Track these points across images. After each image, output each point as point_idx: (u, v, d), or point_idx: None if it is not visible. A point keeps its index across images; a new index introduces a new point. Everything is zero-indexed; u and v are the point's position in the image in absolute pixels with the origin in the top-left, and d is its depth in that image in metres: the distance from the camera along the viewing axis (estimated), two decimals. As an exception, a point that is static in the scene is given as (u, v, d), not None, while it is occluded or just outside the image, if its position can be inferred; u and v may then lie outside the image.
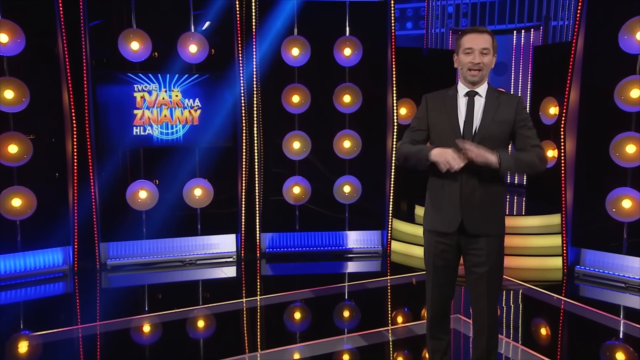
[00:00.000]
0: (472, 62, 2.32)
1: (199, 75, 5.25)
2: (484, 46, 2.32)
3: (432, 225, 2.49)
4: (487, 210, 2.39)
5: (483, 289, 2.43)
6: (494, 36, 2.38)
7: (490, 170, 2.33)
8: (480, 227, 2.39)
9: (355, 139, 5.54)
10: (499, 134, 2.37)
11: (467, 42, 2.34)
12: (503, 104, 2.38)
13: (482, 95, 2.41)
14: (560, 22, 8.07)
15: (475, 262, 2.43)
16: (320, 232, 5.73)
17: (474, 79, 2.36)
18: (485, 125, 2.36)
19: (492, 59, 2.36)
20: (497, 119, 2.36)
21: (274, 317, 4.12)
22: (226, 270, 5.25)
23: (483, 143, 2.33)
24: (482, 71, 2.34)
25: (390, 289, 4.77)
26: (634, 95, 4.42)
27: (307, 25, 5.42)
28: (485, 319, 2.46)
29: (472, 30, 2.36)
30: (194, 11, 5.26)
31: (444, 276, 2.51)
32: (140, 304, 4.45)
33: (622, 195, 4.57)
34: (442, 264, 2.49)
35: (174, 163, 5.38)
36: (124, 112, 5.10)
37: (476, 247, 2.41)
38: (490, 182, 2.37)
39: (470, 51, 2.33)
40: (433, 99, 2.50)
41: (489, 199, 2.38)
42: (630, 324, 3.85)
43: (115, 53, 5.04)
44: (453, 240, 2.44)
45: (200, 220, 5.49)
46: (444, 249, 2.47)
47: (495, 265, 2.44)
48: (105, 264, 5.20)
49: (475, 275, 2.44)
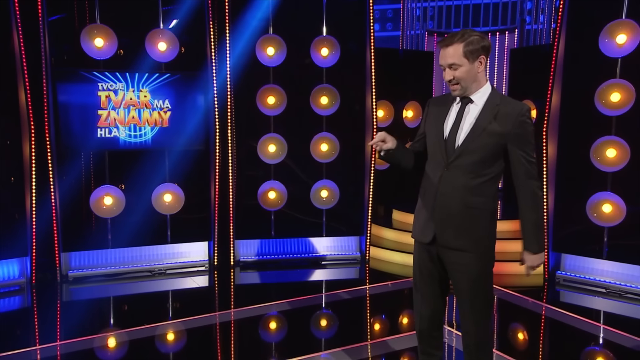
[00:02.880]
0: (444, 79, 2.22)
1: (169, 74, 4.98)
2: (450, 62, 2.17)
3: (414, 233, 2.41)
4: (463, 224, 2.23)
5: (466, 308, 2.30)
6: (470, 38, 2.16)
7: (474, 183, 2.20)
8: (454, 240, 2.24)
9: (333, 142, 5.36)
10: (488, 147, 2.19)
11: (439, 58, 2.23)
12: (501, 113, 2.20)
13: (479, 104, 2.24)
14: (534, 26, 8.12)
15: (454, 277, 2.32)
16: (297, 238, 5.53)
17: (455, 93, 2.24)
18: (473, 136, 2.20)
19: (467, 69, 2.17)
20: (490, 130, 2.19)
21: (249, 332, 3.89)
22: (198, 280, 4.99)
23: (465, 155, 2.19)
24: (460, 84, 2.19)
25: (373, 298, 4.60)
26: (614, 99, 4.39)
27: (283, 23, 5.23)
28: (472, 340, 2.32)
29: (440, 44, 2.22)
30: (163, 7, 4.99)
31: (428, 287, 2.38)
32: (106, 319, 4.16)
33: (603, 200, 4.53)
34: (425, 273, 2.38)
35: (142, 167, 5.08)
36: (87, 112, 4.78)
37: (454, 260, 2.28)
38: (470, 194, 2.21)
39: (442, 67, 2.22)
40: (434, 104, 2.39)
41: (467, 212, 2.22)
42: (611, 329, 3.81)
43: (77, 50, 4.72)
44: (432, 250, 2.33)
45: (170, 227, 5.21)
46: (425, 258, 2.36)
47: (478, 284, 2.28)
48: (67, 275, 4.86)
49: (457, 292, 2.33)
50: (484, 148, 2.18)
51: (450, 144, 2.21)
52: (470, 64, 2.17)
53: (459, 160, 2.21)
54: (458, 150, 2.20)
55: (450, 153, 2.23)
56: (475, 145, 2.18)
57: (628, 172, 4.43)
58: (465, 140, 2.19)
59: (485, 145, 2.18)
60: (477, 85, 2.23)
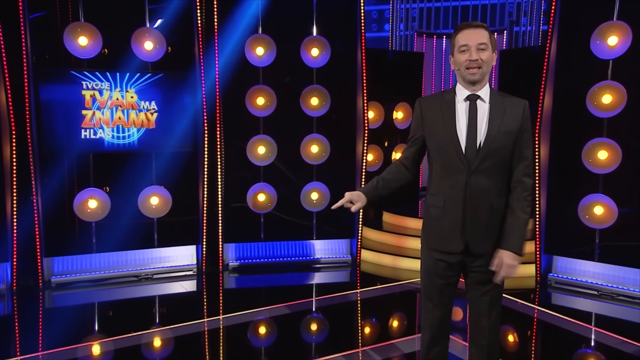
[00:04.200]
0: (470, 59, 2.08)
1: (156, 74, 4.85)
2: (480, 41, 2.08)
3: (434, 243, 2.26)
4: (492, 228, 2.17)
5: (485, 308, 2.23)
6: (492, 32, 2.15)
7: (497, 185, 2.14)
8: (485, 246, 2.18)
9: (324, 143, 5.29)
10: (505, 148, 2.12)
11: (462, 39, 2.11)
12: (509, 110, 2.13)
13: (486, 100, 2.15)
14: (523, 28, 8.14)
15: (479, 280, 2.23)
16: (287, 241, 5.45)
17: (474, 77, 2.10)
18: (491, 137, 2.10)
19: (492, 55, 2.11)
20: (504, 129, 2.11)
21: (238, 339, 3.79)
22: (186, 285, 4.87)
23: (488, 158, 2.10)
24: (482, 68, 2.09)
25: (367, 302, 4.52)
26: (605, 101, 4.39)
27: (273, 23, 5.14)
28: (485, 340, 2.26)
29: (466, 26, 2.12)
30: (149, 5, 4.87)
31: (444, 295, 2.29)
32: (90, 327, 4.02)
33: (595, 202, 4.52)
34: (442, 283, 2.27)
35: (128, 169, 4.95)
36: (70, 113, 4.64)
37: (479, 265, 2.21)
38: (496, 196, 2.15)
39: (465, 48, 2.09)
40: (427, 104, 2.24)
41: (494, 215, 2.17)
42: (603, 332, 3.79)
43: (60, 49, 4.59)
44: (456, 258, 2.22)
45: (157, 231, 5.09)
46: (446, 267, 2.25)
47: (499, 287, 2.25)
48: (49, 281, 4.71)
49: (478, 292, 2.25)
50: (502, 149, 2.11)
51: (471, 149, 2.10)
52: (493, 52, 2.13)
53: (484, 164, 2.10)
54: (482, 154, 2.09)
55: (472, 158, 2.11)
56: (496, 146, 2.10)
57: (619, 174, 4.43)
58: (486, 142, 2.10)
59: (503, 146, 2.11)
60: (486, 80, 2.16)
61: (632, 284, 4.46)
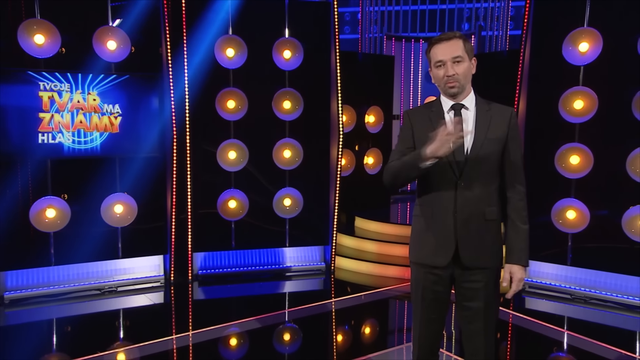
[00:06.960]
0: (447, 75, 2.06)
1: (121, 76, 4.60)
2: (454, 55, 2.05)
3: (422, 256, 2.19)
4: (483, 240, 2.11)
5: (479, 327, 2.14)
6: (465, 37, 2.10)
7: (487, 194, 2.08)
8: (477, 258, 2.11)
9: (297, 148, 5.15)
10: (493, 154, 2.10)
11: (436, 54, 2.08)
12: (495, 117, 2.12)
13: (470, 108, 2.13)
14: (490, 32, 8.24)
15: (469, 296, 2.14)
16: (259, 249, 5.28)
17: (454, 90, 2.09)
18: (478, 143, 2.08)
19: (469, 65, 2.09)
20: (490, 136, 2.10)
21: (210, 356, 3.59)
22: (153, 297, 4.63)
23: (476, 165, 2.06)
24: (460, 82, 2.07)
25: (343, 312, 4.40)
26: (577, 107, 4.44)
27: (244, 24, 4.97)
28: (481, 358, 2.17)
29: (438, 40, 2.09)
30: (112, 2, 4.61)
31: (434, 311, 2.20)
32: (47, 346, 3.73)
33: (567, 206, 4.57)
34: (432, 297, 2.18)
35: (90, 176, 4.67)
36: (26, 115, 4.33)
37: (471, 279, 2.12)
38: (487, 205, 2.10)
39: (441, 64, 2.07)
40: (416, 115, 2.21)
41: (486, 227, 2.11)
42: (576, 335, 3.82)
43: (13, 47, 4.27)
44: (446, 272, 2.15)
45: (121, 240, 4.82)
46: (436, 281, 2.16)
47: (492, 300, 2.16)
48: (2, 297, 4.39)
49: (470, 312, 2.15)
50: (492, 155, 2.10)
51: (459, 156, 2.08)
52: (470, 60, 2.10)
53: (472, 172, 2.08)
54: (470, 162, 2.08)
55: (461, 166, 2.08)
56: (483, 152, 2.08)
57: (591, 179, 4.49)
58: (473, 148, 2.08)
59: (492, 152, 2.10)
60: (468, 88, 2.14)
61: (604, 287, 4.52)
